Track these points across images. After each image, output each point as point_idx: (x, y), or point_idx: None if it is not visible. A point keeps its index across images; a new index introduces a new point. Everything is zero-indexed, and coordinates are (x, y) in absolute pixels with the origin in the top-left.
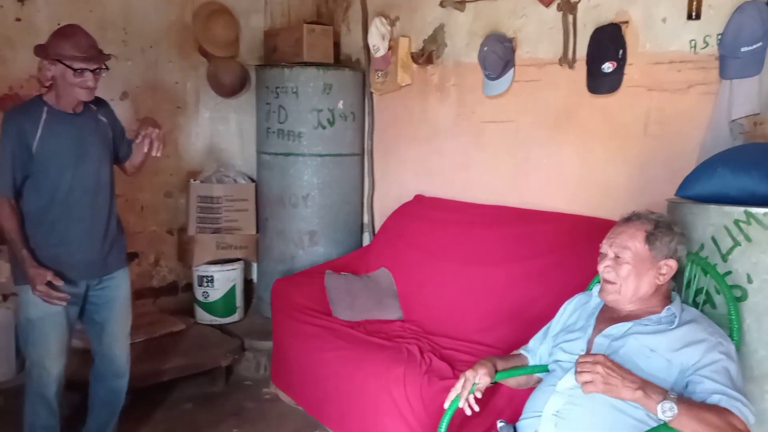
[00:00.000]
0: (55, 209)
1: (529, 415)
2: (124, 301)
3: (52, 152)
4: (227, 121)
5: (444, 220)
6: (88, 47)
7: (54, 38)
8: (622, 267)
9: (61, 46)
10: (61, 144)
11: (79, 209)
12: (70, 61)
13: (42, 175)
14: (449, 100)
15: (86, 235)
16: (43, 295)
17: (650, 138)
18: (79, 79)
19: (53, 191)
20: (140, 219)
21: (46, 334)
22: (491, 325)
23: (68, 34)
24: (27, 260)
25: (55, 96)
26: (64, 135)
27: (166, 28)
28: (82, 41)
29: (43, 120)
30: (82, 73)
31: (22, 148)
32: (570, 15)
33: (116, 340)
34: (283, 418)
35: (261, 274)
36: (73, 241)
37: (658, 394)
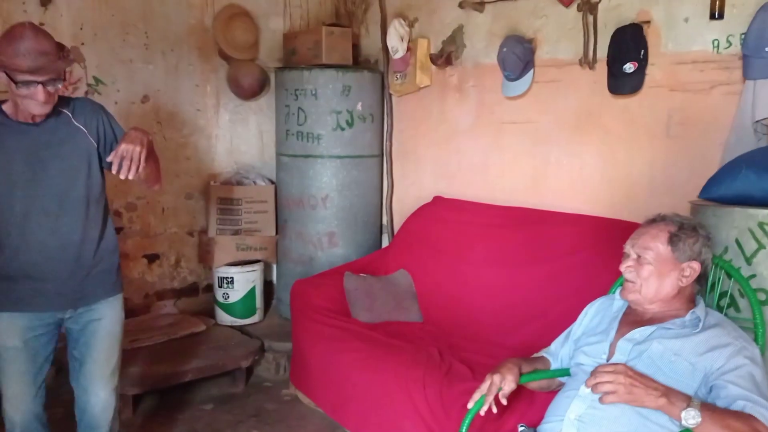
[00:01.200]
0: (11, 236)
1: (552, 419)
2: (107, 337)
3: (1, 171)
4: (247, 123)
5: (463, 222)
6: (37, 55)
7: (1, 38)
8: (643, 267)
9: (5, 52)
10: (9, 160)
11: (38, 235)
12: (12, 73)
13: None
14: (468, 101)
15: (49, 262)
16: None
17: (673, 139)
18: (26, 92)
19: (4, 216)
20: (161, 221)
21: (4, 371)
22: (512, 328)
23: (15, 36)
24: None
25: (14, 106)
26: (15, 149)
27: (187, 32)
28: (29, 47)
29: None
30: (28, 86)
31: None
32: (590, 15)
33: (92, 383)
34: (302, 420)
35: (280, 275)
36: (39, 273)
37: (681, 401)
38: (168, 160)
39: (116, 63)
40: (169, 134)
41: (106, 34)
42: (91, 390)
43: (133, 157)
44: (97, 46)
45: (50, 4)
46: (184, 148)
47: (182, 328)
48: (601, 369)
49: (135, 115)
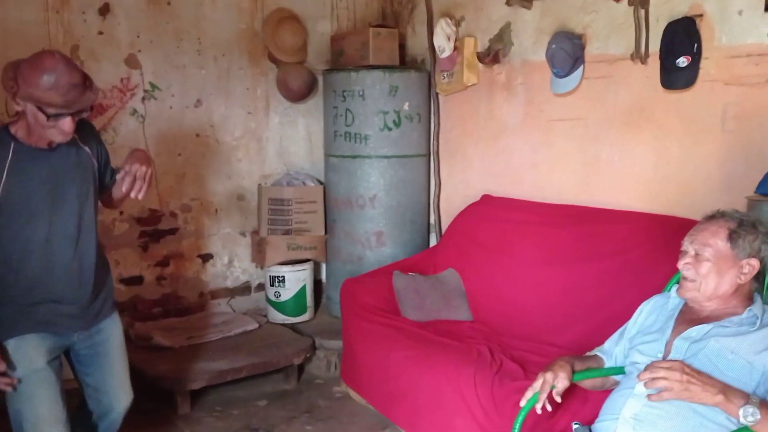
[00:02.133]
0: (32, 263)
1: (606, 417)
2: (119, 350)
3: (22, 198)
4: (296, 125)
5: (512, 220)
6: (69, 88)
7: (29, 68)
8: (702, 264)
9: (36, 84)
10: (32, 188)
11: (61, 259)
12: (45, 107)
13: (8, 226)
14: (516, 98)
15: (73, 285)
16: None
17: (728, 134)
18: (53, 124)
19: (25, 243)
20: (215, 221)
21: (32, 396)
22: (563, 326)
23: (46, 68)
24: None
25: (25, 129)
26: (36, 177)
27: (237, 37)
28: (62, 81)
29: (9, 159)
30: (57, 118)
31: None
32: (642, 9)
33: (117, 397)
34: (354, 416)
35: (330, 274)
36: (60, 296)
37: (739, 398)
38: (221, 162)
39: (171, 69)
40: (222, 137)
41: (161, 41)
42: (117, 403)
43: (145, 177)
44: (152, 53)
45: (109, 13)
46: (235, 150)
47: (236, 325)
48: (656, 364)
49: (189, 118)
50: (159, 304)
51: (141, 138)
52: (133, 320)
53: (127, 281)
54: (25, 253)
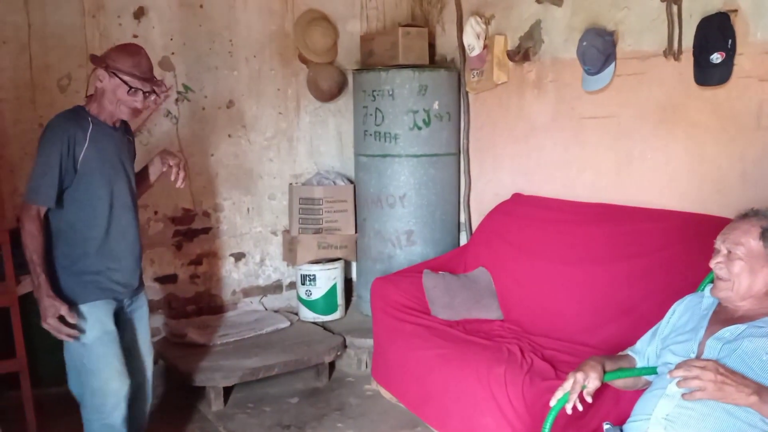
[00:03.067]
0: (99, 225)
1: (638, 417)
2: (146, 318)
3: (96, 165)
4: (326, 125)
5: (543, 219)
6: (148, 70)
7: (117, 52)
8: (734, 263)
9: (123, 61)
10: (104, 157)
11: (119, 226)
12: (129, 78)
13: (84, 188)
14: (547, 96)
15: (128, 252)
16: (51, 328)
17: (764, 131)
18: (131, 98)
19: (95, 206)
20: (247, 220)
21: (106, 354)
22: (595, 326)
23: (132, 52)
24: (44, 287)
25: (98, 107)
26: (107, 149)
27: (269, 38)
28: (143, 63)
29: (90, 131)
30: (135, 93)
31: (69, 157)
32: (675, 5)
33: (146, 359)
34: (384, 414)
35: (360, 272)
36: (120, 259)
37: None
38: (252, 162)
39: (203, 70)
40: (253, 137)
41: (194, 44)
42: (146, 364)
43: (185, 168)
44: (185, 55)
45: (143, 17)
46: (267, 150)
47: (268, 323)
48: (690, 363)
49: (221, 119)
50: (192, 302)
51: (174, 139)
52: (167, 318)
53: (162, 279)
54: (91, 217)
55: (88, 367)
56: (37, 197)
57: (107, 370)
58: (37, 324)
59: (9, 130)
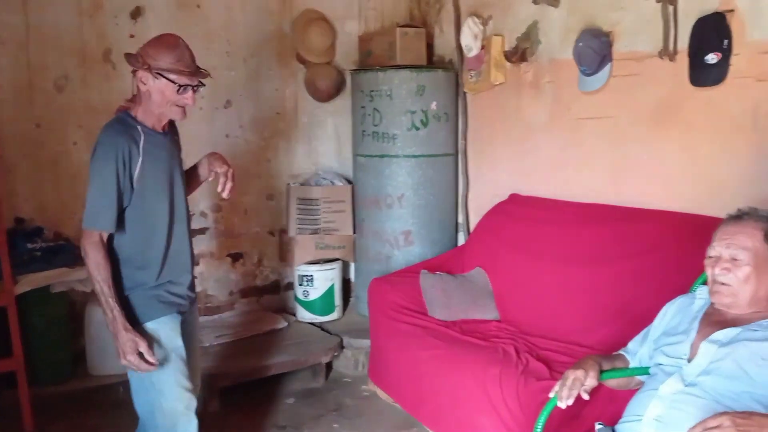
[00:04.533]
0: (159, 241)
1: (630, 418)
2: (197, 331)
3: (153, 179)
4: (324, 125)
5: (540, 219)
6: (191, 62)
7: (154, 48)
8: (741, 269)
9: (165, 58)
10: (159, 169)
11: (178, 239)
12: (176, 76)
13: (142, 205)
14: (544, 97)
15: (185, 265)
16: (132, 366)
17: (760, 131)
18: (180, 97)
19: (155, 222)
20: (244, 221)
21: (175, 371)
22: (590, 326)
23: (172, 44)
24: (119, 321)
25: (143, 112)
26: (161, 159)
27: (266, 38)
28: (186, 55)
29: (142, 143)
30: (185, 90)
31: (125, 175)
32: (670, 5)
33: (196, 376)
34: (380, 415)
35: (358, 273)
36: (178, 277)
37: None
38: (250, 162)
39: None
40: (251, 138)
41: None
42: (196, 378)
43: (234, 177)
44: None
45: (140, 17)
46: (265, 150)
47: (265, 324)
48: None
49: (219, 120)
50: None
51: None
52: None
53: None
54: (152, 234)
55: (157, 387)
56: (97, 222)
57: (177, 388)
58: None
59: (6, 131)
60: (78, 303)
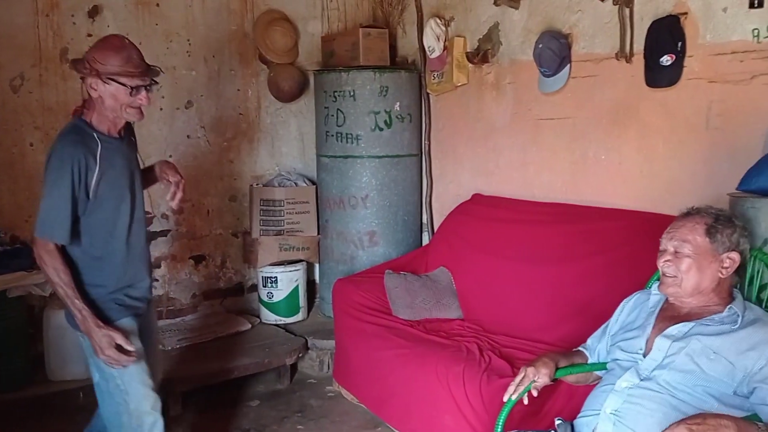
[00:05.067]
0: (118, 247)
1: (588, 413)
2: (156, 329)
3: (110, 188)
4: (287, 125)
5: (502, 219)
6: (141, 61)
7: (100, 52)
8: (682, 261)
9: (112, 62)
10: (116, 176)
11: (138, 243)
12: (126, 79)
13: (99, 213)
14: (505, 98)
15: (144, 266)
16: (112, 360)
17: (713, 131)
18: (133, 98)
19: (112, 229)
20: (207, 222)
21: (139, 372)
22: (551, 324)
23: (118, 47)
24: (89, 319)
25: (98, 118)
26: (118, 165)
27: (228, 38)
28: (134, 54)
29: (99, 152)
30: (138, 91)
31: (80, 186)
32: (626, 8)
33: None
34: (345, 416)
35: (322, 274)
36: (136, 280)
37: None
38: (212, 163)
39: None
40: (213, 138)
41: (151, 43)
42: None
43: (184, 188)
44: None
45: (98, 15)
46: (227, 151)
47: (228, 326)
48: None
49: (179, 120)
50: None
51: None
52: None
53: None
54: (111, 239)
55: (122, 388)
56: (51, 233)
57: (141, 387)
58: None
59: None
60: (36, 307)
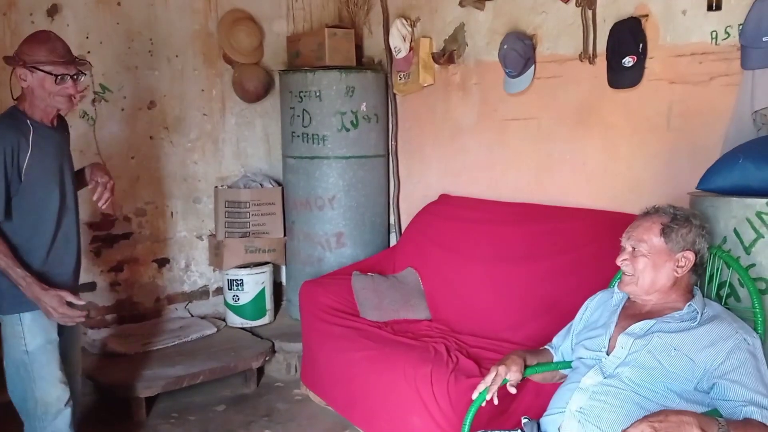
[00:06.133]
0: (46, 232)
1: (553, 411)
2: (80, 329)
3: (41, 172)
4: (253, 126)
5: (469, 219)
6: (66, 52)
7: (28, 45)
8: (638, 260)
9: (38, 52)
10: (48, 162)
11: (67, 231)
12: (51, 67)
13: (30, 196)
14: (471, 99)
15: (71, 256)
16: (66, 318)
17: (673, 131)
18: (60, 87)
19: (41, 213)
20: (170, 225)
21: (49, 362)
22: (518, 323)
23: (43, 39)
24: (34, 284)
25: (30, 107)
26: (50, 152)
27: (191, 38)
28: (58, 46)
29: (31, 136)
30: (63, 80)
31: (13, 167)
32: (589, 10)
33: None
34: (313, 419)
35: (289, 276)
36: (64, 264)
37: (712, 426)
38: (176, 164)
39: (122, 70)
40: (176, 139)
41: (112, 42)
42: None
43: (113, 190)
44: (102, 54)
45: (57, 14)
46: (191, 152)
47: (193, 330)
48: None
49: (142, 121)
50: (113, 311)
51: (92, 141)
52: (86, 327)
53: (79, 288)
54: (39, 222)
55: (30, 375)
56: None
57: (49, 378)
58: None
59: None
60: None
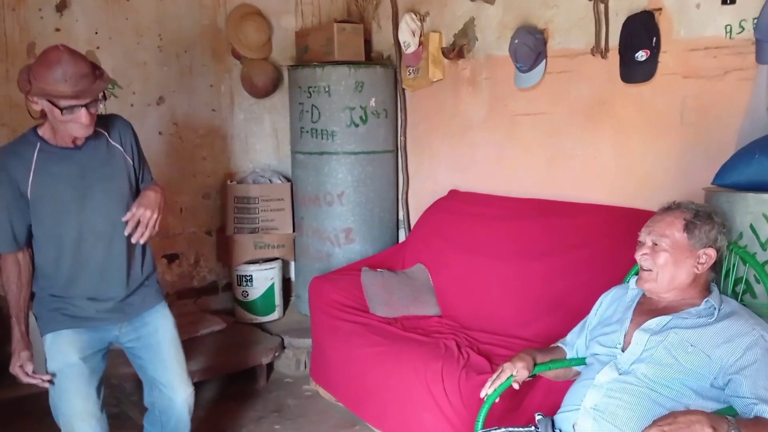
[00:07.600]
0: (67, 260)
1: (568, 408)
2: (172, 343)
3: (49, 197)
4: (261, 122)
5: (479, 215)
6: (78, 78)
7: (37, 66)
8: (659, 255)
9: (44, 78)
10: (59, 188)
11: (94, 257)
12: (56, 99)
13: (41, 225)
14: (481, 93)
15: (105, 282)
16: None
17: (687, 126)
18: (69, 117)
19: (58, 242)
20: (180, 221)
21: (68, 389)
22: (529, 319)
23: (52, 61)
24: (15, 340)
25: (50, 129)
26: (62, 175)
27: (200, 33)
28: (68, 71)
29: (34, 160)
30: (72, 111)
31: (15, 195)
32: (602, 4)
33: (175, 390)
34: (323, 414)
35: (298, 272)
36: (95, 293)
37: (722, 424)
38: (185, 160)
39: (131, 66)
40: (185, 135)
41: (121, 38)
42: (175, 394)
43: (149, 223)
44: (112, 50)
45: (66, 9)
46: (200, 148)
47: (203, 326)
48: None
49: (151, 116)
50: None
51: None
52: None
53: None
54: (59, 251)
55: (54, 400)
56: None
57: (68, 407)
58: None
59: None
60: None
